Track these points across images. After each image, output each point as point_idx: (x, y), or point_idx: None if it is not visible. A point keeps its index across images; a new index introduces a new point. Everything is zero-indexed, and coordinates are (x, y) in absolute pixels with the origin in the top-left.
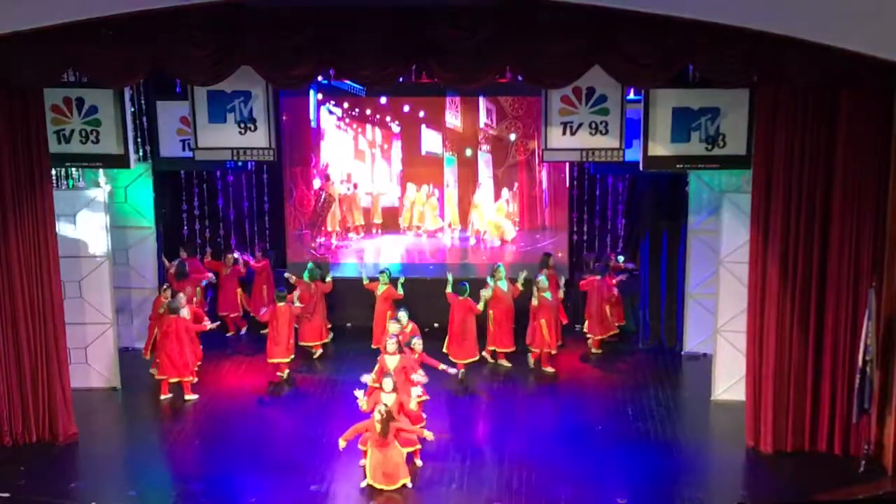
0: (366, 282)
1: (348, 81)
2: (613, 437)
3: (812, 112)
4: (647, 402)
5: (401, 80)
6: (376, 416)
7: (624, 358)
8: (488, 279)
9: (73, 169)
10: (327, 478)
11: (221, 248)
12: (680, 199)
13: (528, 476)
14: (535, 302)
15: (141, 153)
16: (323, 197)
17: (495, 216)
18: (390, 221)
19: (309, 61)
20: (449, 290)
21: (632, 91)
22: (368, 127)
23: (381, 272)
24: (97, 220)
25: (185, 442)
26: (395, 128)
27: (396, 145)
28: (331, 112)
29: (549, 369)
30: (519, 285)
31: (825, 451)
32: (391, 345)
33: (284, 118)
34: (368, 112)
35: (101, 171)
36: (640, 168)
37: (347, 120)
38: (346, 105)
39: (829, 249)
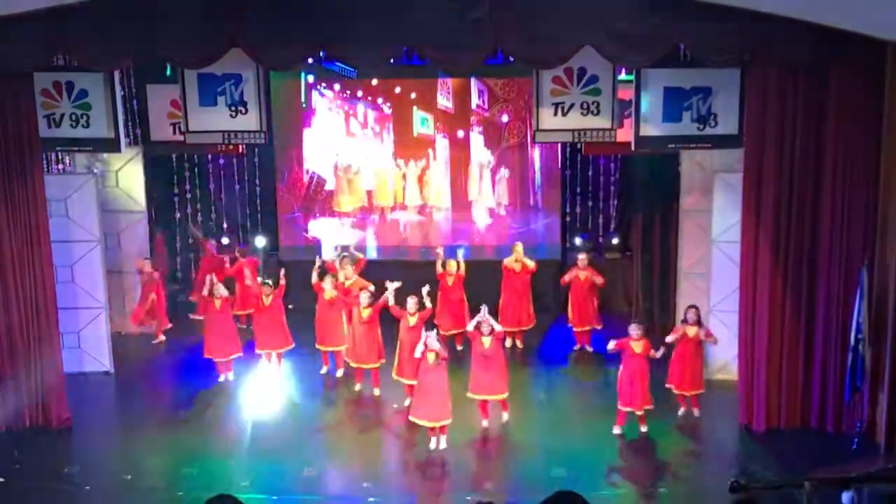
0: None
1: (339, 64)
2: (606, 417)
3: (803, 91)
4: None
5: (392, 61)
6: (434, 344)
7: (616, 338)
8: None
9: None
10: (320, 461)
11: (213, 232)
12: (672, 179)
13: (520, 457)
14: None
15: (132, 137)
16: (315, 179)
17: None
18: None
19: (300, 44)
20: (440, 269)
21: (623, 71)
22: (360, 108)
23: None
24: (88, 204)
25: (178, 426)
26: (387, 109)
27: (389, 127)
28: (322, 94)
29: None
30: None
31: (817, 429)
32: (412, 305)
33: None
34: (360, 94)
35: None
36: (632, 148)
37: (339, 102)
38: (337, 87)
39: (821, 228)
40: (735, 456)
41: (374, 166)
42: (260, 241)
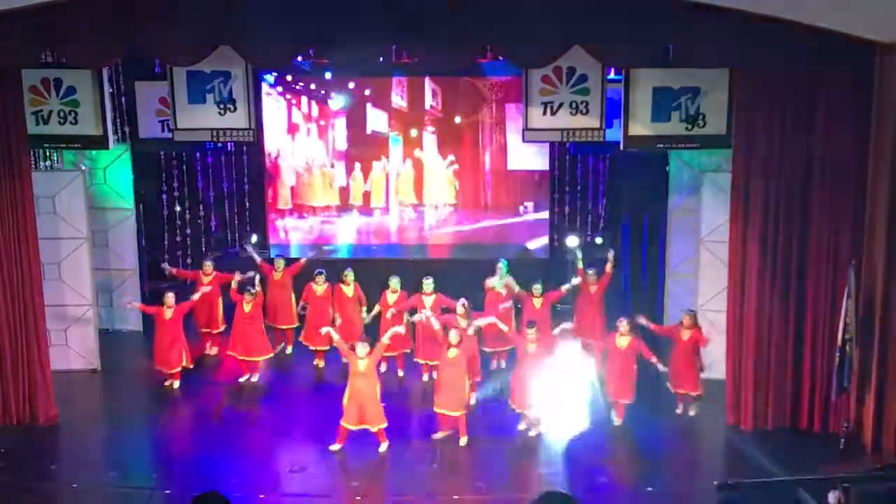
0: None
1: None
2: (594, 417)
3: (792, 91)
4: None
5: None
6: (459, 310)
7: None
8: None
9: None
10: (308, 459)
11: (201, 230)
12: (660, 179)
13: (509, 457)
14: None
15: (120, 134)
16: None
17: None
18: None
19: (289, 42)
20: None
21: (612, 71)
22: (304, 100)
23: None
24: (76, 201)
25: (165, 423)
26: (335, 105)
27: (338, 123)
28: (270, 84)
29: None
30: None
31: (805, 429)
32: (427, 286)
33: None
34: (313, 87)
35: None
36: (621, 148)
37: (280, 89)
38: (289, 77)
39: (809, 228)
40: (722, 456)
41: (323, 163)
42: (253, 239)
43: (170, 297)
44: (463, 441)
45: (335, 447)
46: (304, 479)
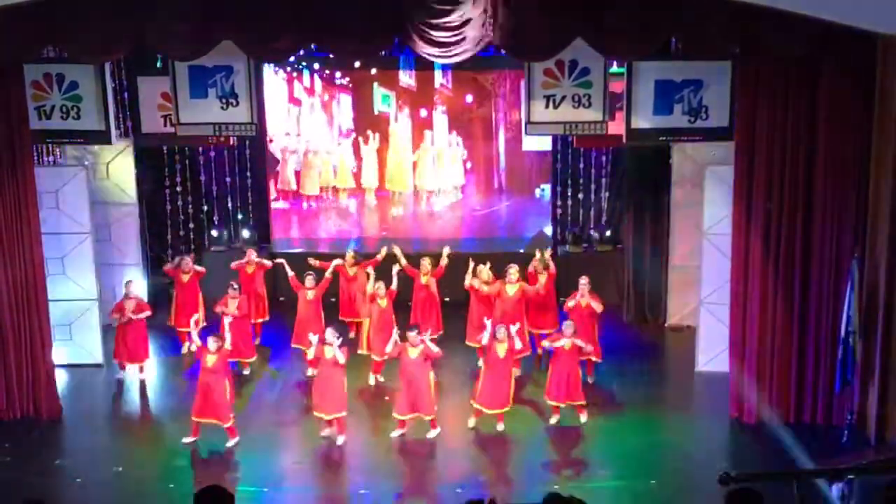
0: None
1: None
2: (597, 408)
3: (794, 83)
4: (630, 375)
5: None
6: (485, 275)
7: (608, 331)
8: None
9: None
10: (310, 453)
11: (204, 225)
12: (663, 172)
13: (510, 448)
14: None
15: (122, 129)
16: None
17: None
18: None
19: (290, 35)
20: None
21: (615, 64)
22: (306, 73)
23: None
24: (79, 196)
25: (169, 418)
26: (337, 81)
27: (345, 101)
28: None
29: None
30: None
31: (808, 422)
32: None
33: None
34: (317, 66)
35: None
36: (623, 141)
37: (288, 69)
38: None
39: (812, 221)
40: (725, 448)
41: (318, 149)
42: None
43: (132, 289)
44: (340, 440)
45: (188, 440)
46: (308, 472)
